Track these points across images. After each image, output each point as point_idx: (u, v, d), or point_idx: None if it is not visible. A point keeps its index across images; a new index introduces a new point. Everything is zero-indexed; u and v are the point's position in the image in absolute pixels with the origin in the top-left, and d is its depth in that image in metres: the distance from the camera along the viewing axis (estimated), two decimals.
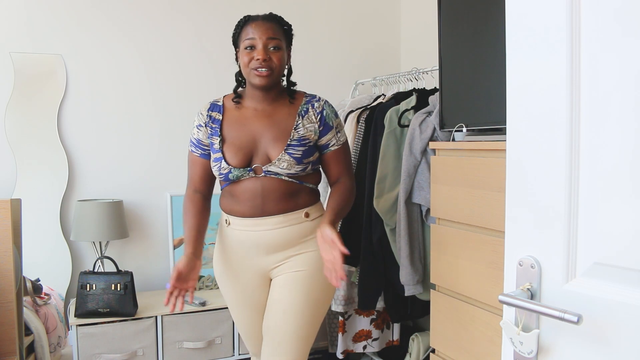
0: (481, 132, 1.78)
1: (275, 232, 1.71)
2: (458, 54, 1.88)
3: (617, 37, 0.75)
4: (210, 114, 1.78)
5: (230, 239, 1.78)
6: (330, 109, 1.76)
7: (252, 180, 1.70)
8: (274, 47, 1.67)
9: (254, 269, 1.77)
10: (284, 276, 1.75)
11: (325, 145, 1.75)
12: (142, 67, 2.91)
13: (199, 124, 1.79)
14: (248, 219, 1.71)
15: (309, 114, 1.73)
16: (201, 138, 1.78)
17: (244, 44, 1.68)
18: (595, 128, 0.78)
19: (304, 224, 1.73)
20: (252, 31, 1.67)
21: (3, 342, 2.03)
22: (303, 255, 1.74)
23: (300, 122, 1.71)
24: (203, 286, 2.87)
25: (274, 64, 1.66)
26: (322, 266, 1.70)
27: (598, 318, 0.77)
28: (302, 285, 1.73)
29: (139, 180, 2.92)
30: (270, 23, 1.69)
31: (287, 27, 1.75)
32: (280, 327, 1.73)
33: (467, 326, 1.68)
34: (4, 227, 2.07)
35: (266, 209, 1.69)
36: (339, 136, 1.77)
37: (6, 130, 2.68)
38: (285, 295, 1.73)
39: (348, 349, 2.72)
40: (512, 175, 0.89)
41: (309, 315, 1.74)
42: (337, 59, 3.28)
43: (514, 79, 0.88)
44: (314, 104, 1.74)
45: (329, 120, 1.74)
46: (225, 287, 1.85)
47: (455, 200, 1.72)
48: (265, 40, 1.65)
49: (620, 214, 0.75)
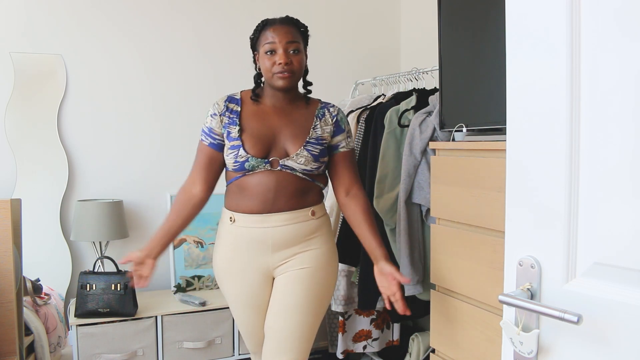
0: (481, 132, 1.78)
1: (283, 229, 1.73)
2: (458, 54, 1.88)
3: (617, 37, 0.75)
4: (227, 104, 1.80)
5: (234, 237, 1.78)
6: (343, 115, 1.86)
7: (267, 174, 1.72)
8: (294, 50, 1.71)
9: (258, 267, 1.78)
10: (288, 274, 1.77)
11: (335, 146, 1.82)
12: (142, 67, 2.91)
13: (214, 113, 1.80)
14: (255, 215, 1.73)
15: (325, 117, 1.82)
16: (213, 127, 1.79)
17: (264, 48, 1.72)
18: (595, 128, 0.78)
19: (310, 221, 1.77)
20: (271, 35, 1.71)
21: (3, 342, 2.03)
22: (307, 253, 1.77)
23: (318, 124, 1.80)
24: (203, 286, 2.87)
25: (295, 67, 1.71)
26: (325, 264, 1.79)
27: (598, 318, 0.77)
28: (306, 283, 1.76)
29: (139, 180, 2.92)
30: (288, 27, 1.73)
31: (304, 29, 1.80)
32: (283, 325, 1.75)
33: (467, 326, 1.68)
34: (4, 227, 2.07)
35: (277, 204, 1.72)
36: (349, 140, 1.85)
37: (6, 130, 2.68)
38: (289, 293, 1.76)
39: (348, 349, 2.72)
40: (512, 175, 0.89)
41: (312, 312, 1.77)
42: (337, 59, 3.28)
43: (514, 79, 0.88)
44: (329, 108, 1.84)
45: (342, 123, 1.84)
46: (226, 285, 1.85)
47: (455, 200, 1.72)
48: (286, 44, 1.70)
49: (620, 214, 0.75)
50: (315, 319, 1.79)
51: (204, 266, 2.94)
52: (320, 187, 1.83)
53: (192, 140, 2.94)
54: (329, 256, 1.83)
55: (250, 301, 1.82)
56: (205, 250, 2.95)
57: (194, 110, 3.00)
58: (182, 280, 2.83)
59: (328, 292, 1.83)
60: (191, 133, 2.98)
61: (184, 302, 2.66)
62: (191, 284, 2.84)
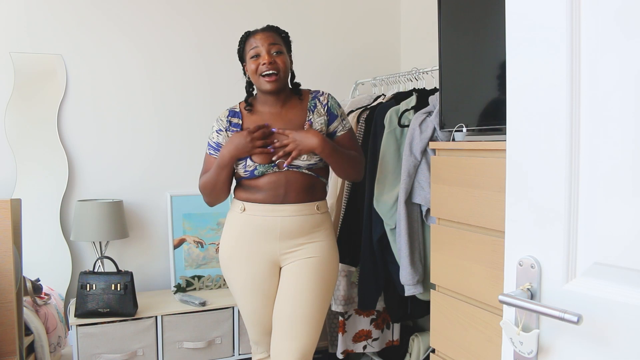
0: (481, 132, 1.78)
1: (291, 219, 1.86)
2: (458, 54, 1.88)
3: (617, 37, 0.75)
4: (230, 119, 1.94)
5: (242, 225, 1.89)
6: (333, 100, 1.98)
7: (276, 174, 1.86)
8: (277, 52, 1.86)
9: (264, 255, 1.88)
10: (296, 263, 1.88)
11: (333, 132, 1.96)
12: (142, 67, 2.91)
13: (219, 129, 1.94)
14: (267, 205, 1.86)
15: (317, 108, 1.93)
16: (221, 142, 1.93)
17: (250, 54, 1.87)
18: (595, 128, 0.78)
19: (316, 215, 1.91)
20: (254, 41, 1.86)
21: (3, 342, 2.03)
22: (313, 244, 1.90)
23: (312, 117, 1.91)
24: (203, 286, 2.87)
25: (279, 66, 1.84)
26: (329, 255, 1.93)
27: (598, 318, 0.77)
28: (314, 271, 1.88)
29: (139, 180, 2.92)
30: (269, 32, 1.89)
31: (285, 34, 1.94)
32: (293, 310, 1.85)
33: (467, 326, 1.68)
34: (4, 227, 2.07)
35: (288, 197, 1.86)
36: (344, 123, 1.98)
37: (6, 130, 2.68)
38: (299, 280, 1.86)
39: (348, 349, 2.72)
40: (512, 175, 0.89)
41: (320, 298, 1.88)
42: (337, 59, 3.28)
43: (514, 79, 0.88)
44: (319, 98, 1.95)
45: (333, 110, 1.96)
46: (233, 272, 1.93)
47: (455, 200, 1.72)
48: (268, 46, 1.84)
49: (620, 213, 0.75)
50: (323, 305, 1.90)
51: (204, 266, 2.94)
52: (324, 183, 1.97)
53: (192, 141, 2.96)
54: (333, 249, 1.96)
55: (257, 288, 1.90)
56: (205, 250, 2.95)
57: (194, 111, 3.00)
58: (182, 280, 2.83)
59: (332, 282, 1.95)
60: (191, 133, 2.99)
61: (184, 302, 2.66)
62: (191, 284, 2.84)
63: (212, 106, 2.89)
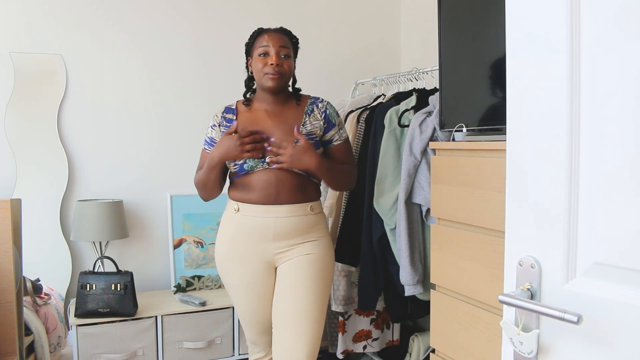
0: (481, 132, 1.78)
1: (284, 220, 1.86)
2: (458, 54, 1.88)
3: (616, 38, 0.75)
4: (224, 115, 1.96)
5: (236, 225, 1.90)
6: (332, 109, 1.99)
7: (266, 172, 1.86)
8: (285, 55, 1.87)
9: (258, 254, 1.88)
10: (292, 261, 1.88)
11: (329, 141, 1.96)
12: (142, 67, 2.91)
13: (213, 124, 1.97)
14: (260, 206, 1.86)
15: (314, 113, 1.94)
16: (214, 137, 1.96)
17: (258, 52, 1.88)
18: (595, 128, 0.78)
19: (309, 216, 1.90)
20: (266, 40, 1.87)
21: (3, 342, 2.03)
22: (308, 243, 1.90)
23: (308, 120, 1.92)
24: (203, 286, 2.87)
25: (285, 70, 1.87)
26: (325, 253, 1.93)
27: (598, 318, 0.77)
28: (312, 267, 1.88)
29: (139, 180, 2.92)
30: (281, 34, 1.91)
31: (295, 40, 1.96)
32: (294, 308, 1.86)
33: (467, 326, 1.68)
34: (4, 227, 2.07)
35: (280, 197, 1.86)
36: (341, 132, 1.99)
37: (6, 131, 2.68)
38: (297, 277, 1.87)
39: (348, 349, 2.72)
40: (512, 175, 0.89)
41: (320, 294, 1.89)
42: (337, 59, 3.28)
43: (514, 79, 0.88)
44: (318, 104, 1.96)
45: (332, 118, 1.96)
46: (228, 273, 1.94)
47: (455, 200, 1.72)
48: (278, 48, 1.86)
49: (620, 213, 0.75)
50: (323, 301, 1.91)
51: (204, 266, 2.94)
52: (316, 183, 1.97)
53: (192, 141, 2.96)
54: (329, 247, 1.96)
55: (253, 288, 1.91)
56: (205, 250, 2.95)
57: (194, 111, 3.00)
58: (182, 280, 2.83)
59: (329, 280, 1.96)
60: (191, 133, 2.99)
61: (184, 302, 2.66)
62: (191, 284, 2.84)
63: (211, 106, 2.88)
